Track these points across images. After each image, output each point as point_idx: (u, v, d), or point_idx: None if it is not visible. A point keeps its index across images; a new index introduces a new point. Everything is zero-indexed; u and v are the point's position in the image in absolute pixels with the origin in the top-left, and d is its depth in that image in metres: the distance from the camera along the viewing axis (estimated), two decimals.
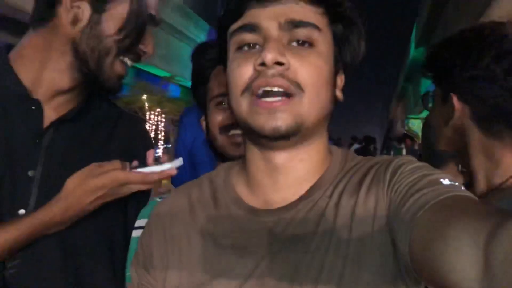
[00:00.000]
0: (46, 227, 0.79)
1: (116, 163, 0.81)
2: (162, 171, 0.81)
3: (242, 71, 0.58)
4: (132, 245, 0.92)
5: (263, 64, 0.56)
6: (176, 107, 9.49)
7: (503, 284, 0.31)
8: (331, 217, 0.58)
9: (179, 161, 0.82)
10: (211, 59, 0.95)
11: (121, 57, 0.87)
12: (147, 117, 10.22)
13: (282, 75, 0.56)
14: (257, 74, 0.57)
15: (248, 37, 0.59)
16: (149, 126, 9.98)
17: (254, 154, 0.63)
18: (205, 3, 11.71)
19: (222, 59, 0.66)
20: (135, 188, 0.82)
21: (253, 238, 0.60)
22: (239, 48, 0.60)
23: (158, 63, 9.66)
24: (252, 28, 0.58)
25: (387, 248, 0.54)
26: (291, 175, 0.62)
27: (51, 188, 0.82)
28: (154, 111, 10.28)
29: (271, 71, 0.56)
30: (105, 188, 0.79)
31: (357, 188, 0.59)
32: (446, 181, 0.51)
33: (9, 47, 0.89)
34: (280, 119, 0.56)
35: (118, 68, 0.87)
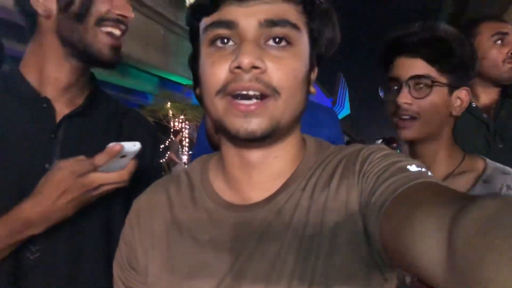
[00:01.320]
0: (20, 225, 0.77)
1: (91, 163, 0.79)
2: (126, 164, 0.80)
3: (217, 71, 0.57)
4: None
5: (239, 67, 0.55)
6: (199, 114, 9.59)
7: (465, 265, 0.32)
8: (305, 211, 0.58)
9: (134, 144, 0.80)
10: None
11: (101, 28, 0.90)
12: (171, 125, 10.37)
13: (258, 79, 0.55)
14: (233, 76, 0.56)
15: (223, 32, 0.57)
16: (173, 134, 10.12)
17: (229, 150, 0.63)
18: None
19: (193, 49, 0.65)
20: (107, 188, 0.81)
21: (231, 234, 0.60)
22: (212, 42, 0.58)
23: (181, 71, 9.81)
24: (228, 24, 0.56)
25: (360, 237, 0.54)
26: (266, 171, 0.62)
27: None
28: (178, 118, 10.43)
29: (247, 76, 0.55)
30: (73, 192, 0.78)
31: (328, 181, 0.59)
32: (413, 167, 0.52)
33: None
34: (255, 123, 0.56)
35: (104, 38, 0.90)
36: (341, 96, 24.49)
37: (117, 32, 0.93)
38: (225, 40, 0.57)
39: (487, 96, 1.59)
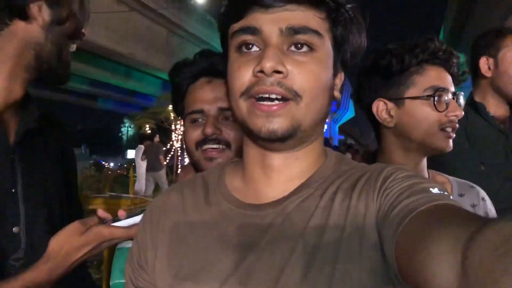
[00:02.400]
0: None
1: (95, 219, 0.81)
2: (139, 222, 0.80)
3: (241, 75, 0.59)
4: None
5: (261, 71, 0.56)
6: None
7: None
8: (322, 219, 0.58)
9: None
10: (186, 77, 0.97)
11: (70, 45, 0.87)
12: (173, 127, 10.38)
13: (280, 83, 0.57)
14: (256, 80, 0.58)
15: (248, 38, 0.59)
16: (175, 136, 10.13)
17: (252, 150, 0.65)
18: None
19: (224, 54, 0.67)
20: (117, 241, 0.82)
21: (241, 232, 0.61)
22: (239, 47, 0.60)
23: None
24: (253, 31, 0.58)
25: (376, 252, 0.54)
26: (285, 173, 0.64)
27: (34, 201, 0.83)
28: (180, 121, 10.43)
29: (269, 80, 0.57)
30: (90, 245, 0.79)
31: (349, 193, 0.60)
32: (435, 190, 0.52)
33: None
34: (276, 122, 0.58)
35: (69, 56, 0.88)
36: (345, 98, 24.52)
37: (73, 48, 0.90)
38: (250, 46, 0.60)
39: (498, 109, 1.56)
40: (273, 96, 0.57)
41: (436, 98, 0.97)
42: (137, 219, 0.82)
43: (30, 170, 0.85)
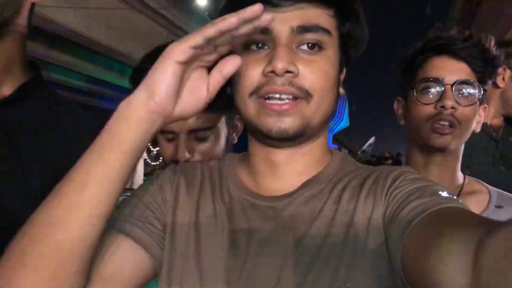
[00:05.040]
0: None
1: None
2: None
3: (251, 75, 0.59)
4: None
5: (272, 71, 0.56)
6: None
7: None
8: (329, 216, 0.58)
9: None
10: None
11: None
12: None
13: (291, 83, 0.57)
14: (266, 79, 0.57)
15: (258, 37, 0.58)
16: None
17: (257, 148, 0.65)
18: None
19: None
20: None
21: (252, 219, 0.60)
22: (247, 46, 0.60)
23: None
24: (262, 30, 0.57)
25: (382, 254, 0.53)
26: (291, 168, 0.64)
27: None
28: None
29: (280, 80, 0.57)
30: None
31: (357, 191, 0.59)
32: (444, 193, 0.52)
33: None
34: (288, 122, 0.57)
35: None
36: (340, 108, 24.56)
37: None
38: (259, 45, 0.59)
39: (495, 119, 1.56)
40: (284, 96, 0.57)
41: (421, 90, 0.91)
42: None
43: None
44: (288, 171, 0.64)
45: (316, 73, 0.58)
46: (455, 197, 0.52)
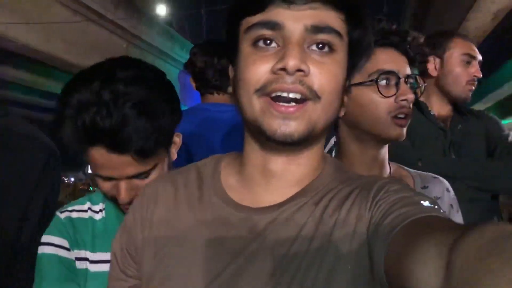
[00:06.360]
0: None
1: None
2: None
3: (258, 71, 0.57)
4: (42, 261, 0.88)
5: (283, 69, 0.55)
6: None
7: None
8: (314, 225, 0.58)
9: None
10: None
11: None
12: None
13: (301, 81, 0.56)
14: (274, 77, 0.56)
15: (267, 33, 0.57)
16: None
17: (253, 152, 0.63)
18: (191, 25, 11.83)
19: (229, 48, 0.64)
20: None
21: (232, 233, 0.60)
22: (254, 42, 0.58)
23: None
24: (273, 26, 0.57)
25: (364, 262, 0.54)
26: (286, 177, 0.62)
27: None
28: None
29: (290, 78, 0.55)
30: None
31: (339, 206, 0.59)
32: (426, 203, 0.53)
33: None
34: (293, 126, 0.56)
35: None
36: None
37: None
38: (268, 41, 0.58)
39: (441, 108, 1.64)
40: (291, 95, 0.56)
41: (381, 82, 0.91)
42: None
43: None
44: (282, 183, 0.62)
45: (326, 75, 0.57)
46: (436, 206, 0.53)
